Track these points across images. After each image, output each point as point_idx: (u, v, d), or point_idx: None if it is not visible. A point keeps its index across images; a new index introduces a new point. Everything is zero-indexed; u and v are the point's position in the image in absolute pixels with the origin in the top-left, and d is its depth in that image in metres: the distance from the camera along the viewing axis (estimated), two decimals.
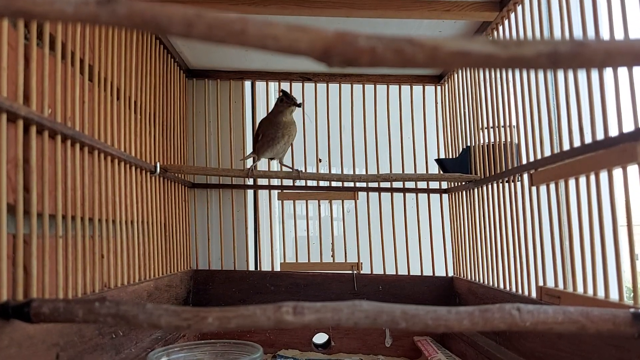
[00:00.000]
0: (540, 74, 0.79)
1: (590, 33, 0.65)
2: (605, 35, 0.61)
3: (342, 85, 1.30)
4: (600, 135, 0.62)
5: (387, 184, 1.24)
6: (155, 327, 0.44)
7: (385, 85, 1.28)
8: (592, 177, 0.64)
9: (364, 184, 1.24)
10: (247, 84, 1.35)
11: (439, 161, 1.17)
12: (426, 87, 1.30)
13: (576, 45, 0.28)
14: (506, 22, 0.93)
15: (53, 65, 0.63)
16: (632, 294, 0.56)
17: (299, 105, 1.14)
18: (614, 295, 0.60)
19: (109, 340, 0.72)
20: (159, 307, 0.44)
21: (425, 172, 1.22)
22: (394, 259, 1.21)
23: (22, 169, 0.54)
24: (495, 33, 0.99)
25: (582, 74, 0.68)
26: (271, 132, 1.14)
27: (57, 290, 0.61)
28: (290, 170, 1.16)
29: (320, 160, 1.30)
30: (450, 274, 1.23)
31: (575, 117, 0.69)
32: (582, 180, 0.67)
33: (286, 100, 1.13)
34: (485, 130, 1.03)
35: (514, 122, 0.91)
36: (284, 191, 1.28)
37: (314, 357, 1.10)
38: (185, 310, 0.44)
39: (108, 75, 0.80)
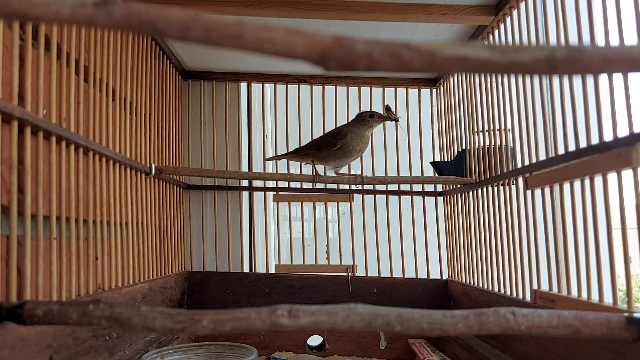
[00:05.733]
0: (536, 78, 0.79)
1: (586, 38, 0.66)
2: (600, 39, 0.62)
3: (338, 87, 1.30)
4: (595, 140, 0.62)
5: (382, 187, 1.24)
6: (149, 329, 0.44)
7: (381, 88, 1.29)
8: (587, 182, 0.64)
9: (359, 187, 1.24)
10: (243, 85, 1.35)
11: (434, 164, 1.17)
12: (422, 90, 1.30)
13: (573, 51, 0.28)
14: (502, 26, 0.94)
15: (48, 66, 0.63)
16: (626, 298, 0.56)
17: (397, 120, 1.13)
18: (608, 299, 0.60)
19: (102, 342, 0.71)
20: (154, 310, 0.44)
21: (420, 175, 1.22)
22: (388, 262, 1.21)
23: (16, 170, 0.54)
24: (491, 37, 0.99)
25: (577, 79, 0.68)
26: (353, 144, 1.11)
27: (51, 292, 0.61)
28: (352, 176, 1.15)
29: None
30: (445, 276, 1.23)
31: (571, 121, 0.69)
32: (577, 184, 0.67)
33: (388, 115, 1.11)
34: (481, 134, 1.03)
35: (509, 126, 0.91)
36: (279, 193, 1.27)
37: (308, 359, 1.10)
38: (180, 313, 0.44)
39: (103, 76, 0.80)
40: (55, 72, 0.64)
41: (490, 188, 0.98)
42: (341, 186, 1.24)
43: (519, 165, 0.85)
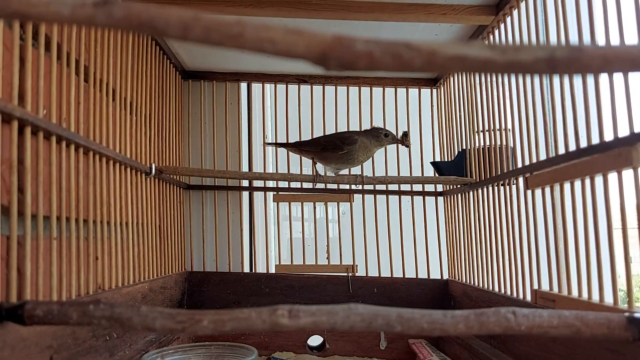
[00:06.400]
0: (536, 78, 0.79)
1: (586, 38, 0.66)
2: (600, 38, 0.62)
3: (338, 87, 1.30)
4: (595, 140, 0.62)
5: (382, 187, 1.24)
6: (149, 329, 0.44)
7: (381, 88, 1.29)
8: (587, 181, 0.64)
9: (359, 187, 1.24)
10: (243, 85, 1.35)
11: (434, 164, 1.17)
12: (422, 90, 1.30)
13: (574, 50, 0.28)
14: (502, 26, 0.94)
15: (48, 66, 0.63)
16: (627, 298, 0.56)
17: (408, 147, 1.16)
18: (608, 299, 0.60)
19: (103, 343, 0.71)
20: (154, 310, 0.44)
21: (420, 175, 1.22)
22: (389, 262, 1.21)
23: (16, 170, 0.54)
24: (492, 37, 0.99)
25: (577, 78, 0.68)
26: (359, 153, 1.11)
27: (51, 292, 0.61)
28: (352, 176, 1.15)
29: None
30: (445, 276, 1.23)
31: (571, 121, 0.69)
32: (577, 184, 0.67)
33: (402, 140, 1.14)
34: (481, 134, 1.03)
35: (509, 126, 0.91)
36: (280, 193, 1.27)
37: (308, 359, 1.10)
38: (180, 313, 0.44)
39: (103, 76, 0.80)
40: (56, 72, 0.64)
41: (490, 188, 0.98)
42: (341, 186, 1.24)
43: (519, 165, 0.85)
